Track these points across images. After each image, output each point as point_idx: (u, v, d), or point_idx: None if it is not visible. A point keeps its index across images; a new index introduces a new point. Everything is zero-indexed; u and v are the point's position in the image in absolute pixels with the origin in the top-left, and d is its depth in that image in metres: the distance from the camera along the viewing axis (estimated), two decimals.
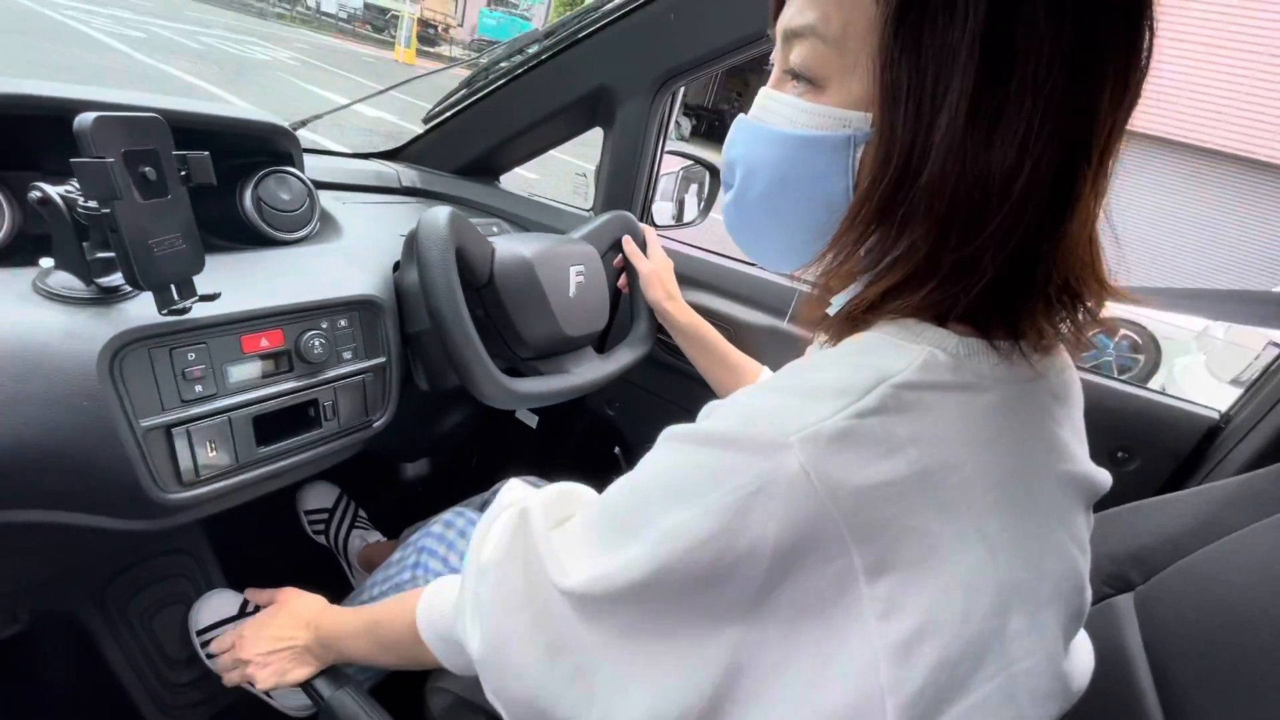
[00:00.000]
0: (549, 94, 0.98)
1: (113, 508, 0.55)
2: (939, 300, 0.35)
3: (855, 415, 0.32)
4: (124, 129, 0.44)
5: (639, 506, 0.37)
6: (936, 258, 0.34)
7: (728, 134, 0.44)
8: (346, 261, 0.74)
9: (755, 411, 0.34)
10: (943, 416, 0.33)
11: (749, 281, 1.00)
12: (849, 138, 0.36)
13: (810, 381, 0.35)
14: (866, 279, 0.38)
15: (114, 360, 0.50)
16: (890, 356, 0.35)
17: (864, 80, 0.35)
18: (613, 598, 0.36)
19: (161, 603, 0.96)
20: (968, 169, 0.32)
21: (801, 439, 0.31)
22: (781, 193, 0.40)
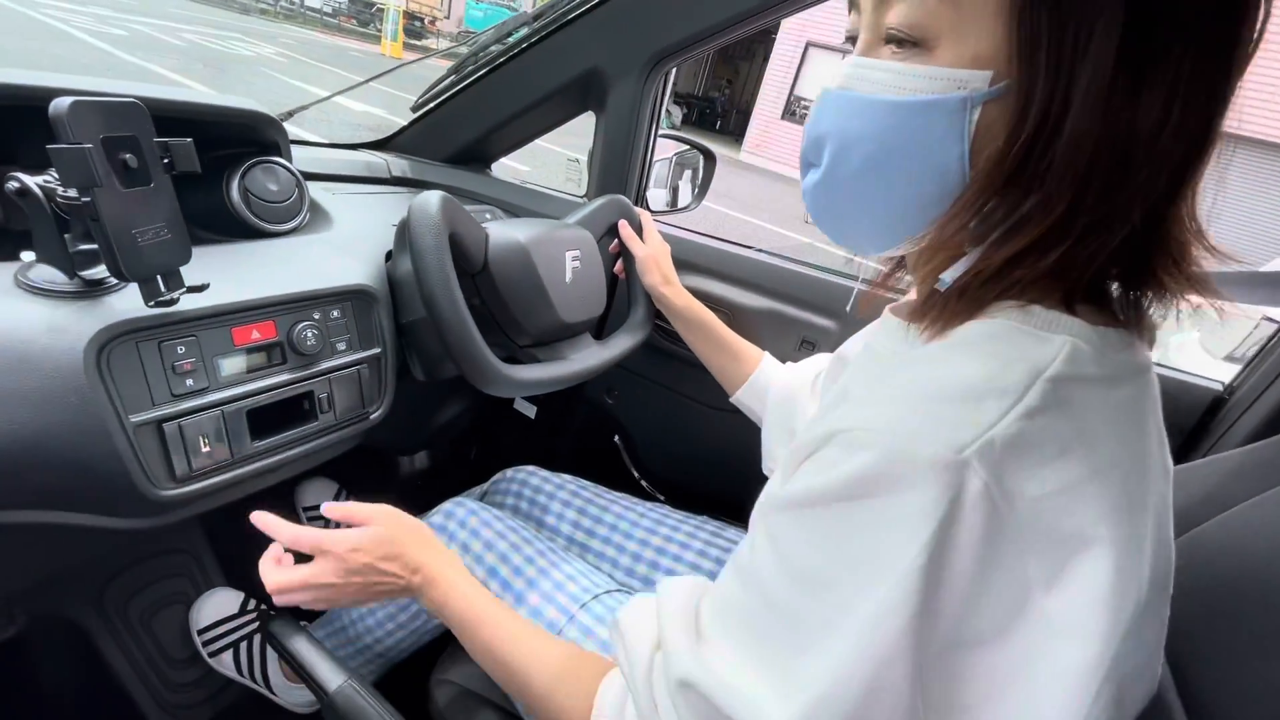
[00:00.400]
0: (539, 78, 0.97)
1: (106, 506, 0.54)
2: (1066, 267, 0.33)
3: (1025, 416, 0.29)
4: (102, 114, 0.43)
5: (818, 598, 0.32)
6: (1072, 218, 0.32)
7: (811, 111, 0.41)
8: (337, 252, 0.72)
9: (904, 432, 0.30)
10: (1093, 412, 0.31)
11: (745, 265, 0.99)
12: (965, 99, 0.33)
13: (950, 382, 0.32)
14: (981, 248, 0.35)
15: (101, 355, 0.49)
16: (1031, 347, 0.32)
17: (983, 35, 0.32)
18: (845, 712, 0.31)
19: (161, 603, 0.95)
20: (1112, 122, 0.30)
21: (977, 451, 0.28)
22: (885, 166, 0.37)
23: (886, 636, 0.29)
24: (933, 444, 0.29)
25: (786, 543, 0.34)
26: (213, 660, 0.92)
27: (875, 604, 0.30)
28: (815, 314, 0.93)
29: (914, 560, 0.29)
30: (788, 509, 0.34)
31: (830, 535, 0.32)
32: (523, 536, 0.76)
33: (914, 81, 0.34)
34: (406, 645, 0.83)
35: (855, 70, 0.37)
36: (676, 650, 0.38)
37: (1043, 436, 0.29)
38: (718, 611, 0.39)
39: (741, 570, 0.38)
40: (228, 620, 0.93)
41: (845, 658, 0.30)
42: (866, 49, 0.38)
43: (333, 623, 0.87)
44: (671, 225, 1.08)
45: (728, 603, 0.38)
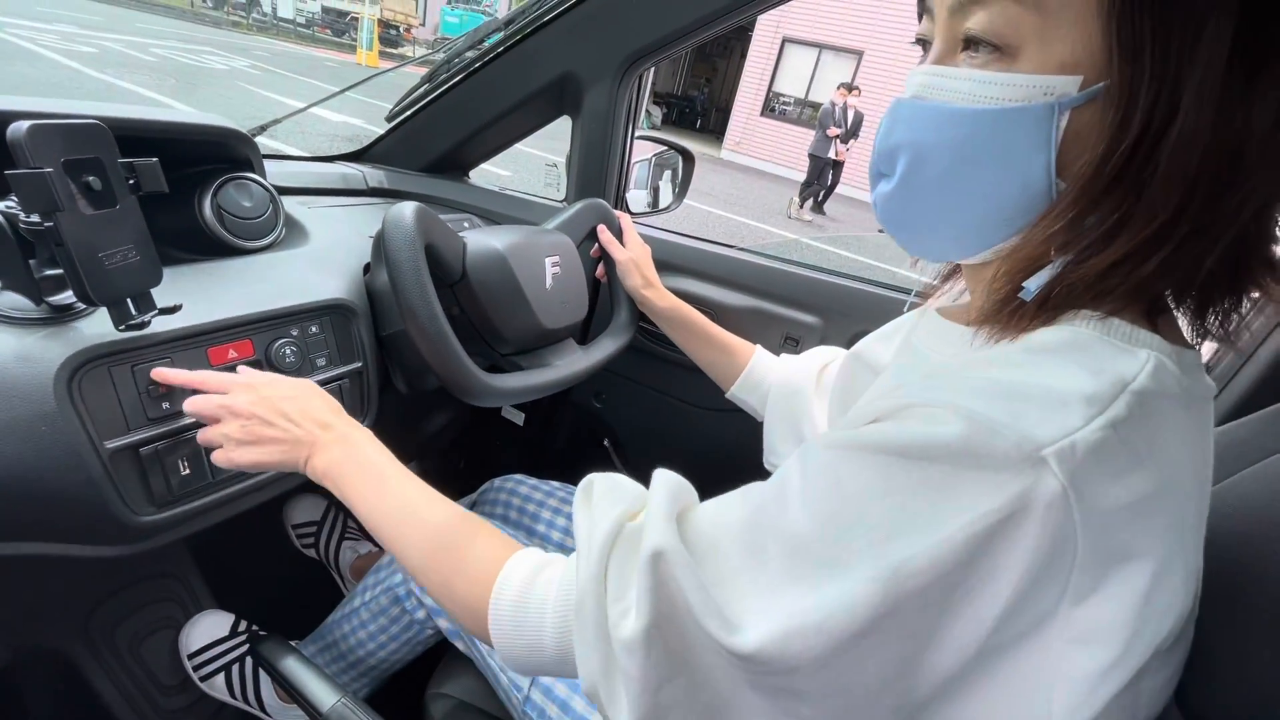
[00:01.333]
0: (513, 84, 0.96)
1: (84, 535, 0.53)
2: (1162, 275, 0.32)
3: (1109, 425, 0.28)
4: (62, 137, 0.42)
5: (840, 536, 0.31)
6: (1174, 224, 0.31)
7: (884, 118, 0.39)
8: (314, 266, 0.72)
9: (986, 419, 0.29)
10: (1171, 430, 0.31)
11: (727, 264, 0.99)
12: (1052, 106, 0.32)
13: (1036, 384, 0.30)
14: (1067, 257, 0.34)
15: (72, 382, 0.48)
16: (1116, 359, 0.31)
17: (1073, 40, 0.31)
18: (812, 655, 0.30)
19: (149, 629, 0.93)
20: (1224, 123, 0.29)
21: (1057, 452, 0.28)
22: (965, 177, 0.36)
23: (896, 593, 0.29)
24: (1013, 436, 0.28)
25: (825, 478, 0.32)
26: (204, 684, 0.91)
27: (900, 559, 0.29)
28: (798, 310, 0.93)
29: (955, 534, 0.28)
30: (838, 447, 0.33)
31: (879, 481, 0.31)
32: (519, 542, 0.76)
33: (996, 90, 0.33)
34: (399, 658, 0.82)
35: (930, 79, 0.36)
36: (659, 525, 0.36)
37: (1122, 448, 0.29)
38: (713, 524, 0.36)
39: (751, 496, 0.36)
40: (219, 643, 0.92)
41: (843, 599, 0.29)
42: (941, 57, 0.37)
43: (323, 638, 0.87)
44: (653, 226, 1.08)
45: (726, 520, 0.36)
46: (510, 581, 0.42)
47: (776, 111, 12.42)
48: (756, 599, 0.32)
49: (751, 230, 6.79)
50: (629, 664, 0.35)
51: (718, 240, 1.05)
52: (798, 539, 0.32)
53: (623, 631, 0.35)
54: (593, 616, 0.36)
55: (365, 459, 0.52)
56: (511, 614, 0.42)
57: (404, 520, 0.49)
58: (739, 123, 12.78)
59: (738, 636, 0.31)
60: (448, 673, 0.75)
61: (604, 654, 0.36)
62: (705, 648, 0.33)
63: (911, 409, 0.32)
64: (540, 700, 0.65)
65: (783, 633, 0.30)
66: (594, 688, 0.37)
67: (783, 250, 6.01)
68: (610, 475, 0.45)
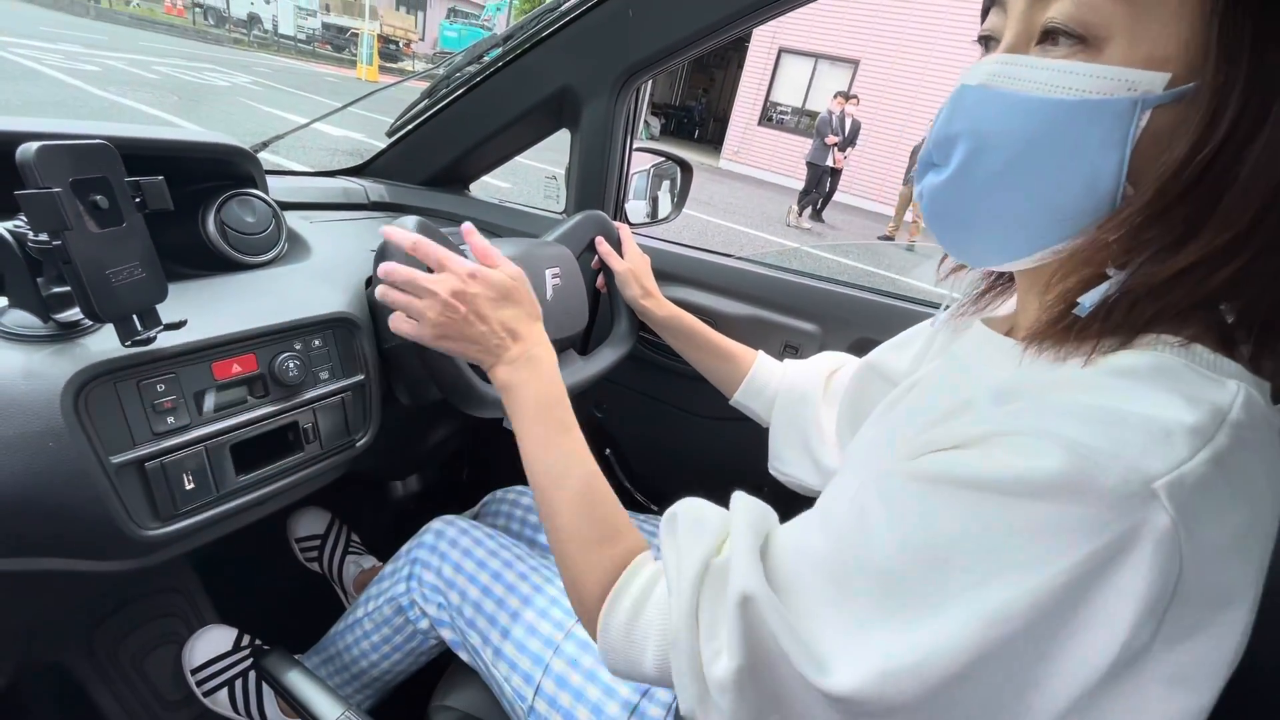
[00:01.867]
0: (512, 98, 0.97)
1: (90, 550, 0.54)
2: (1234, 287, 0.31)
3: (1213, 459, 0.27)
4: (70, 157, 0.43)
5: (933, 577, 0.30)
6: (1248, 237, 0.30)
7: (944, 106, 0.38)
8: (317, 280, 0.72)
9: (1087, 449, 0.27)
10: (1261, 462, 0.30)
11: (727, 273, 0.99)
12: (1135, 102, 0.31)
13: (1133, 411, 0.28)
14: (1128, 270, 0.32)
15: (78, 397, 0.48)
16: (1207, 388, 0.30)
17: (1164, 35, 0.30)
18: (910, 698, 0.29)
19: (153, 644, 0.93)
20: None
21: (1168, 485, 0.26)
22: (1028, 170, 0.34)
23: (996, 636, 0.28)
24: (1120, 469, 0.27)
25: (911, 513, 0.31)
26: (208, 700, 0.90)
27: (996, 601, 0.28)
28: (797, 319, 0.94)
29: (1058, 576, 0.27)
30: (927, 481, 0.32)
31: (974, 520, 0.29)
32: (515, 554, 0.76)
33: (1078, 80, 0.32)
34: (402, 669, 0.82)
35: (1002, 68, 0.35)
36: (743, 565, 0.36)
37: (1224, 484, 0.28)
38: (795, 556, 0.36)
39: (831, 525, 0.36)
40: (222, 658, 0.92)
41: (938, 643, 0.29)
42: (1014, 46, 0.35)
43: (326, 650, 0.87)
44: (652, 237, 1.09)
45: (808, 551, 0.36)
46: (625, 596, 0.44)
47: (774, 121, 12.51)
48: (846, 637, 0.32)
49: (751, 239, 6.82)
50: (722, 702, 0.35)
51: (717, 249, 1.06)
52: (888, 576, 0.31)
53: (716, 671, 0.35)
54: (686, 653, 0.38)
55: (543, 391, 0.54)
56: (623, 631, 0.43)
57: (566, 474, 0.50)
58: (737, 132, 12.86)
59: (831, 679, 0.31)
60: (451, 684, 0.75)
61: (700, 690, 0.37)
62: (799, 689, 0.33)
63: (998, 438, 0.30)
64: (545, 710, 0.65)
65: (879, 675, 0.30)
66: (692, 715, 0.38)
67: (783, 258, 6.02)
68: (693, 504, 0.45)
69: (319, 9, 19.23)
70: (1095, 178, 0.33)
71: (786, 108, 12.36)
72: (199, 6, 18.91)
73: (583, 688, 0.64)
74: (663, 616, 0.42)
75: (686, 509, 0.45)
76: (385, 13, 21.45)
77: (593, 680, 0.64)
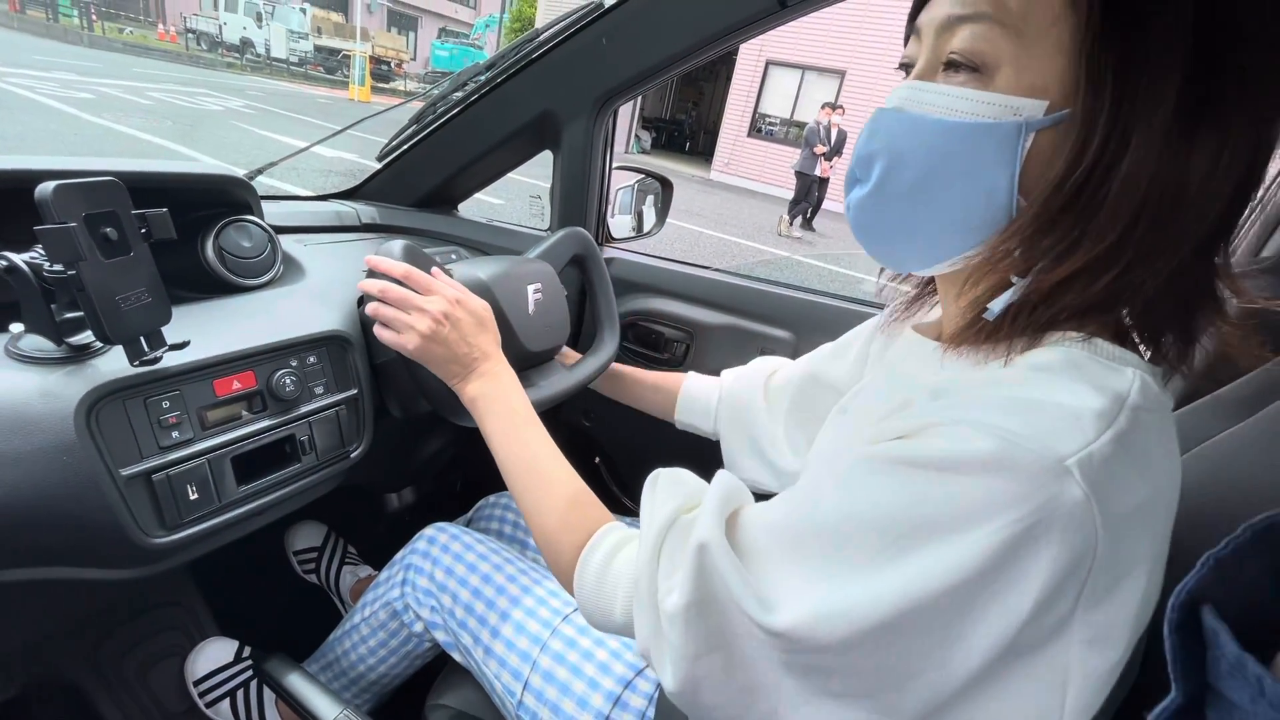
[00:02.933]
0: (496, 122, 1.02)
1: (100, 558, 0.57)
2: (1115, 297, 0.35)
3: (1116, 439, 0.31)
4: (83, 194, 0.47)
5: (872, 538, 0.34)
6: (1120, 248, 0.34)
7: (865, 126, 0.42)
8: (311, 300, 0.76)
9: (1009, 432, 0.31)
10: (1156, 440, 0.33)
11: (705, 285, 1.04)
12: (1019, 125, 0.35)
13: (1047, 400, 0.32)
14: (1029, 277, 0.36)
15: (90, 415, 0.52)
16: (1109, 376, 0.34)
17: (1043, 67, 0.34)
18: (838, 639, 0.33)
19: (156, 657, 0.96)
20: (1168, 162, 0.32)
21: (1079, 462, 0.30)
22: (934, 185, 0.38)
23: (919, 593, 0.31)
24: (1037, 447, 0.30)
25: (861, 487, 0.35)
26: (210, 710, 0.93)
27: (925, 561, 0.31)
28: (771, 326, 0.98)
29: (980, 540, 0.30)
30: (874, 460, 0.35)
31: (914, 492, 0.33)
32: (504, 558, 0.79)
33: (971, 105, 0.36)
34: (398, 673, 0.85)
35: (912, 92, 0.39)
36: (708, 521, 0.40)
37: (1127, 459, 0.31)
38: (756, 524, 0.41)
39: (792, 499, 0.40)
40: (223, 669, 0.94)
41: (869, 593, 0.32)
42: (924, 73, 0.40)
43: (324, 657, 0.89)
44: (636, 251, 1.13)
45: (769, 518, 0.40)
46: (596, 553, 0.50)
47: (763, 132, 12.66)
48: (791, 585, 0.36)
49: (742, 249, 6.88)
50: (671, 633, 0.40)
51: (697, 262, 1.11)
52: (833, 537, 0.35)
53: (667, 605, 0.40)
54: (646, 590, 0.43)
55: (509, 401, 0.63)
56: (594, 582, 0.49)
57: (535, 467, 0.58)
58: (727, 144, 13.00)
59: (772, 616, 0.35)
60: (446, 684, 0.78)
61: (654, 623, 0.42)
62: (743, 629, 0.37)
63: (935, 427, 0.34)
64: (533, 705, 0.68)
65: (812, 615, 0.34)
66: (646, 650, 0.43)
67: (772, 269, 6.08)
68: (676, 470, 0.52)
69: (311, 32, 19.42)
70: (992, 192, 0.37)
71: (775, 119, 12.52)
72: (192, 32, 19.09)
73: (569, 681, 0.67)
74: (632, 567, 0.47)
75: (669, 472, 0.51)
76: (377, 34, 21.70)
77: (578, 674, 0.67)
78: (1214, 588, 0.28)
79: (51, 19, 17.02)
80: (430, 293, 0.64)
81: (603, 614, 0.49)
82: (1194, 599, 0.28)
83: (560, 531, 0.53)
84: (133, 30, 19.21)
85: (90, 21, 17.18)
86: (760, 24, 0.82)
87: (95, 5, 17.68)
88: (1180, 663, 0.28)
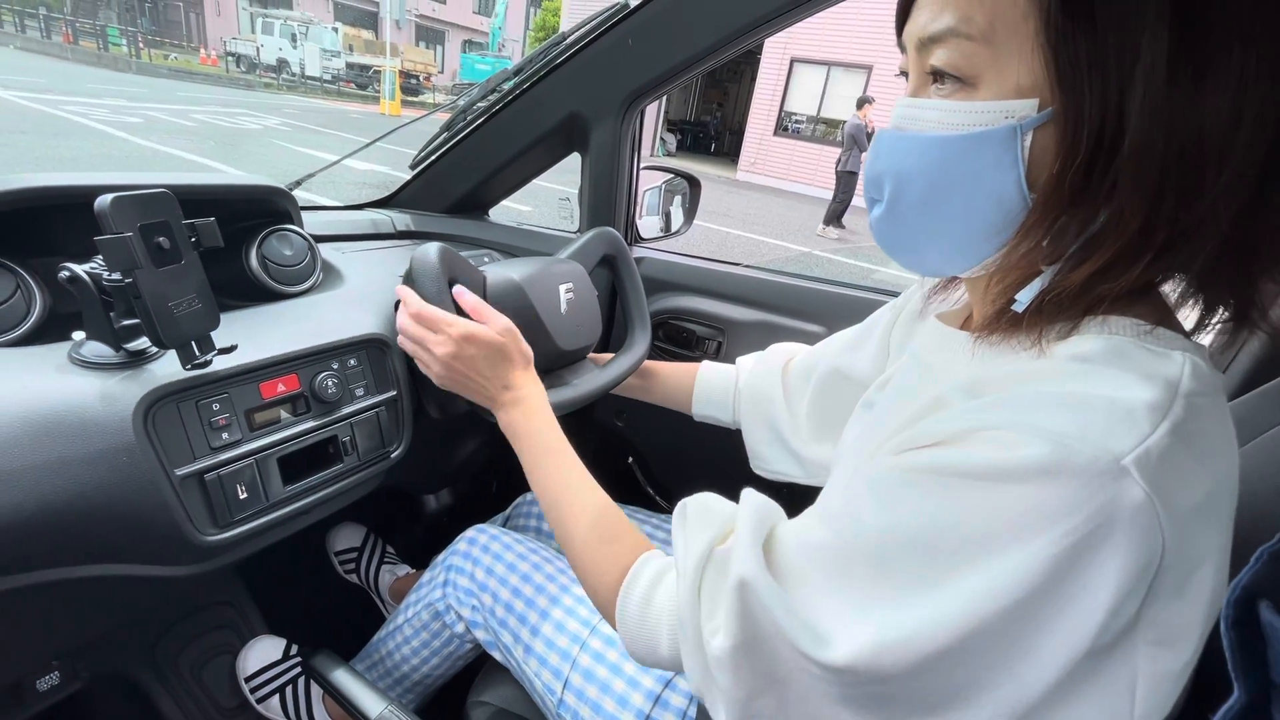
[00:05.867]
0: (524, 127, 1.03)
1: (158, 555, 0.59)
2: (1159, 273, 0.33)
3: (1174, 429, 0.29)
4: (138, 206, 0.49)
5: (922, 559, 0.32)
6: (1150, 229, 0.32)
7: (870, 150, 0.42)
8: (350, 305, 0.78)
9: (1057, 433, 0.29)
10: (1215, 426, 0.32)
11: (736, 281, 1.03)
12: (1015, 128, 0.34)
13: (1094, 393, 0.31)
14: (1057, 267, 0.35)
15: (147, 417, 0.54)
16: (1157, 363, 0.32)
17: (1023, 67, 0.34)
18: (903, 668, 0.32)
19: (209, 654, 0.99)
20: (1177, 129, 0.30)
21: (1136, 460, 0.28)
22: (943, 199, 0.38)
23: (982, 612, 0.30)
24: (1091, 449, 0.29)
25: (904, 502, 0.34)
26: (260, 706, 0.96)
27: (982, 579, 0.30)
28: (804, 321, 0.97)
29: (1039, 552, 0.29)
30: (913, 472, 0.34)
31: (960, 506, 0.31)
32: (543, 557, 0.80)
33: (962, 117, 0.36)
34: (441, 673, 0.86)
35: (905, 110, 0.40)
36: (744, 554, 0.39)
37: (1188, 450, 0.29)
38: (796, 547, 0.39)
39: (829, 517, 0.38)
40: (272, 666, 0.97)
41: (929, 618, 0.31)
42: (915, 89, 0.40)
43: (370, 656, 0.91)
44: (665, 250, 1.13)
45: (807, 542, 0.38)
46: (638, 584, 0.48)
47: (790, 130, 12.54)
48: (843, 615, 0.34)
49: (771, 247, 6.83)
50: (721, 677, 0.39)
51: (725, 260, 1.10)
52: (882, 560, 0.33)
53: (713, 648, 0.39)
54: (691, 632, 0.41)
55: (535, 429, 0.62)
56: (637, 615, 0.48)
57: (564, 498, 0.57)
58: (753, 144, 12.92)
59: (829, 651, 0.34)
60: (487, 682, 0.79)
61: (703, 665, 0.41)
62: (796, 665, 0.36)
63: (979, 432, 0.32)
64: (574, 703, 0.68)
65: (873, 647, 0.32)
66: (699, 691, 0.42)
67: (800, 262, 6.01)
68: (702, 497, 0.49)
69: (342, 50, 19.99)
70: (1002, 196, 0.36)
71: (801, 116, 12.39)
72: (232, 55, 19.86)
73: (609, 680, 0.67)
74: (673, 601, 0.45)
75: (696, 501, 0.49)
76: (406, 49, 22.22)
77: (618, 673, 0.68)
78: (1270, 583, 0.27)
79: (102, 49, 17.89)
80: (439, 332, 0.64)
81: (648, 651, 0.47)
82: (1250, 594, 0.27)
83: (596, 564, 0.52)
84: (177, 56, 20.08)
85: (138, 49, 18.03)
86: (785, 17, 0.81)
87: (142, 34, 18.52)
88: (1240, 661, 0.26)
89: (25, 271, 0.62)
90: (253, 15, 21.80)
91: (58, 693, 0.82)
